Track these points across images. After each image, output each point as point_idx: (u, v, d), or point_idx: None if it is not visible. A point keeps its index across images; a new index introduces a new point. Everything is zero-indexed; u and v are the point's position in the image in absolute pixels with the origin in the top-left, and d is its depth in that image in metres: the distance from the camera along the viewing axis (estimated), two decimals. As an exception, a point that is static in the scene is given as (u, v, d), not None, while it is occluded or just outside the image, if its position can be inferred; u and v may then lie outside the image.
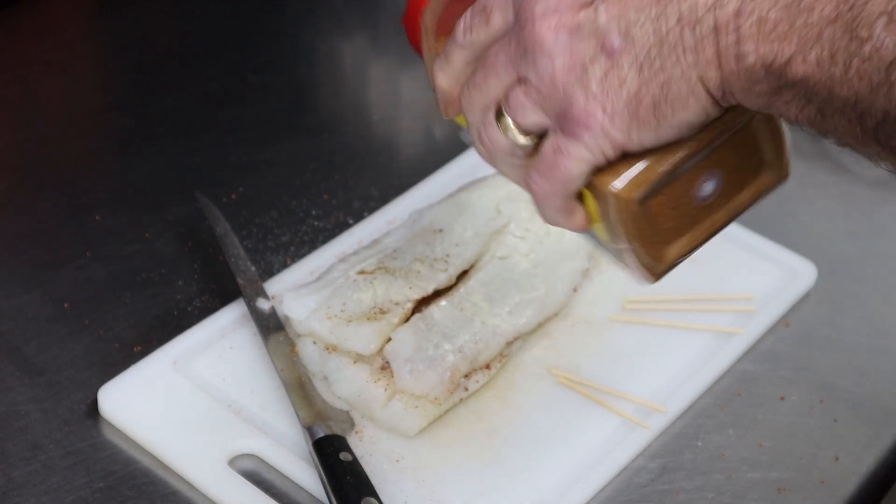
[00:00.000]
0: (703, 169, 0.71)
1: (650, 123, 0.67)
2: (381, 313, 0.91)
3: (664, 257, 0.72)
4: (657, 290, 1.02)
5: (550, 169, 0.70)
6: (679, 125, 0.67)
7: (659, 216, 0.71)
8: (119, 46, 1.30)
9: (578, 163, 0.69)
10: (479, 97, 0.72)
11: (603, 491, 0.88)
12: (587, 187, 0.71)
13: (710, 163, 0.71)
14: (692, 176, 0.70)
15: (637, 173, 0.69)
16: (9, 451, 0.88)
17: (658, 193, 0.70)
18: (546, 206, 0.72)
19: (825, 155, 1.21)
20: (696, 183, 0.71)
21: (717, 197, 0.72)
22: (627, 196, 0.69)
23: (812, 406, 0.96)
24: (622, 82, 0.66)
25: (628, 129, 0.67)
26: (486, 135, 0.72)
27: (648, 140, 0.68)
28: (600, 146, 0.68)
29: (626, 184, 0.69)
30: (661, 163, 0.69)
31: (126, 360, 0.94)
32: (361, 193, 1.12)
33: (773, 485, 0.90)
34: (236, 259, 1.00)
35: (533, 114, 0.69)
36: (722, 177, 0.72)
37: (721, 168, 0.71)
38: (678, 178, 0.70)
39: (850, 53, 0.61)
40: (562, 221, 0.73)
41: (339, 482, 0.84)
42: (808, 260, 1.06)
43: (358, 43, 1.34)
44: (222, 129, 1.19)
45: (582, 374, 0.95)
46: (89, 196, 1.10)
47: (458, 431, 0.91)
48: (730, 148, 0.71)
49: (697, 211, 0.72)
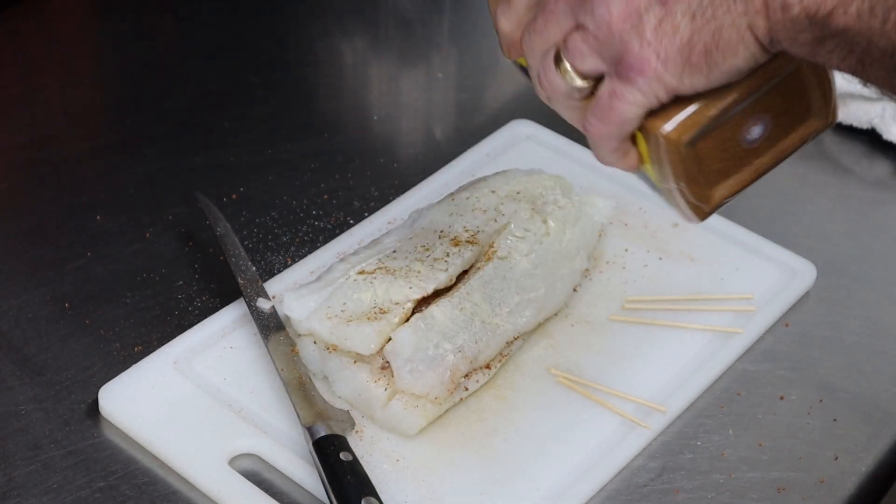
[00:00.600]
0: (750, 113, 0.74)
1: (701, 69, 0.70)
2: (381, 313, 0.91)
3: (711, 198, 0.75)
4: (657, 290, 1.02)
5: (606, 112, 0.74)
6: (729, 70, 0.70)
7: (706, 158, 0.74)
8: (119, 47, 1.30)
9: (633, 106, 0.73)
10: (539, 42, 0.75)
11: (603, 490, 0.89)
12: (639, 129, 0.74)
13: (758, 108, 0.74)
14: (740, 120, 0.74)
15: (687, 117, 0.72)
16: (9, 451, 0.88)
17: (706, 136, 0.73)
18: (601, 147, 0.76)
19: (825, 155, 1.21)
20: (744, 127, 0.74)
21: (763, 140, 0.75)
22: (677, 139, 0.72)
23: (812, 406, 0.96)
24: (675, 30, 0.70)
25: (680, 75, 0.70)
26: (546, 78, 0.76)
27: (700, 85, 0.71)
28: (654, 90, 0.72)
29: (675, 126, 0.72)
30: (710, 107, 0.72)
31: (126, 360, 0.94)
32: (361, 193, 1.12)
33: (773, 485, 0.90)
34: (236, 259, 1.00)
35: (590, 59, 0.73)
36: (769, 121, 0.75)
37: (768, 113, 0.74)
38: (726, 122, 0.73)
39: (887, 7, 0.64)
40: (615, 161, 0.77)
41: (339, 482, 0.84)
42: (807, 260, 1.06)
43: (358, 43, 1.34)
44: (222, 129, 1.19)
45: (582, 374, 0.95)
46: (89, 196, 1.10)
47: (458, 431, 0.91)
48: (777, 93, 0.74)
49: (744, 153, 0.75)
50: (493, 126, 1.18)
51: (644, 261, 1.05)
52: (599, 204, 1.04)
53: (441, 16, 1.37)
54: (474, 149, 1.15)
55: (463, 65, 1.31)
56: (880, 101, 1.20)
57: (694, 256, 1.06)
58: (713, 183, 0.75)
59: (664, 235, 1.07)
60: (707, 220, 1.08)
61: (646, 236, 1.07)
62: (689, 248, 1.06)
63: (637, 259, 1.05)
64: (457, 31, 1.35)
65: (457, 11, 1.37)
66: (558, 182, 1.03)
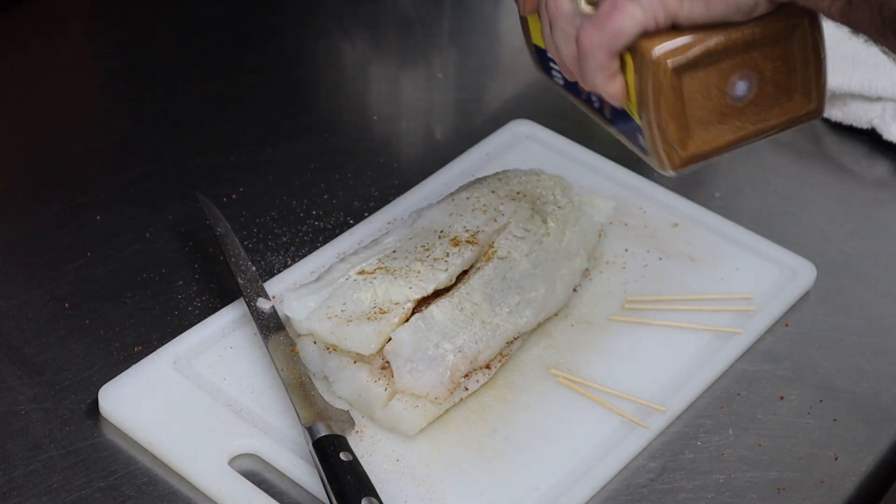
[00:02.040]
0: (738, 65, 0.75)
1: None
2: (381, 313, 0.91)
3: (687, 144, 0.76)
4: (657, 290, 1.02)
5: (604, 21, 0.76)
6: (728, 3, 0.73)
7: (690, 97, 0.75)
8: (119, 47, 1.30)
9: (631, 20, 0.75)
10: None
11: (603, 490, 0.89)
12: (630, 52, 0.75)
13: (746, 61, 0.75)
14: (727, 68, 0.75)
15: (678, 44, 0.74)
16: (9, 451, 0.88)
17: (693, 70, 0.74)
18: (590, 61, 0.77)
19: (825, 155, 1.21)
20: (730, 78, 0.75)
21: (747, 102, 0.76)
22: (664, 62, 0.74)
23: (812, 406, 0.96)
24: None
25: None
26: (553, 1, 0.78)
27: (698, 12, 0.74)
28: (654, 9, 0.74)
29: (665, 50, 0.74)
30: (702, 40, 0.74)
31: (126, 360, 0.94)
32: (361, 193, 1.12)
33: (773, 485, 0.90)
34: (236, 259, 1.00)
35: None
36: (754, 81, 0.76)
37: (755, 71, 0.76)
38: (714, 65, 0.75)
39: None
40: (601, 82, 0.78)
41: (339, 482, 0.84)
42: (807, 260, 1.06)
43: (358, 43, 1.34)
44: (222, 129, 1.19)
45: (582, 374, 0.95)
46: (89, 196, 1.10)
47: (458, 431, 0.91)
48: (768, 54, 0.76)
49: (727, 109, 0.76)
50: (493, 126, 1.18)
51: (644, 261, 1.05)
52: (599, 204, 1.04)
53: (441, 16, 1.37)
54: (474, 149, 1.15)
55: (463, 65, 1.31)
56: (880, 101, 1.20)
57: (694, 256, 1.06)
58: (692, 129, 0.76)
59: (664, 235, 1.07)
60: (707, 220, 1.09)
61: (646, 236, 1.07)
62: (689, 248, 1.06)
63: (637, 259, 1.05)
64: (457, 31, 1.35)
65: (457, 11, 1.37)
66: (558, 182, 1.03)
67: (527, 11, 0.85)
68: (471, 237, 0.97)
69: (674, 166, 0.77)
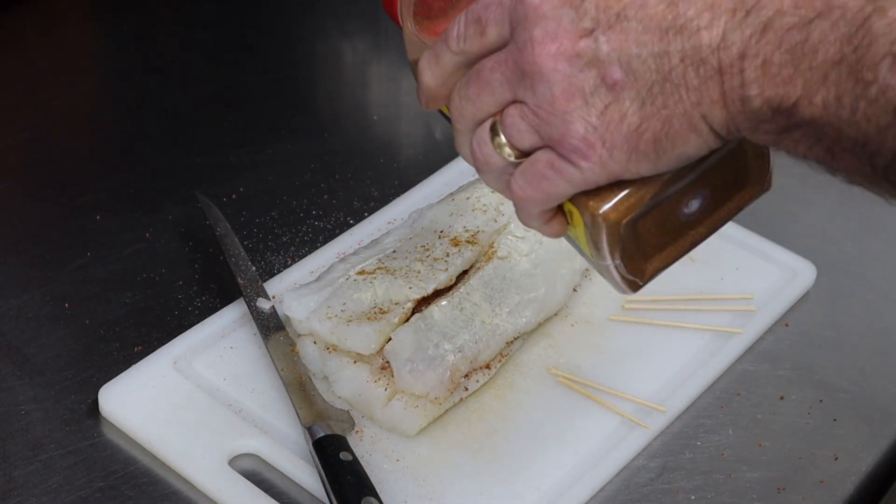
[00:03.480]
0: (691, 189, 0.71)
1: (649, 156, 0.67)
2: (381, 313, 0.91)
3: (645, 272, 0.73)
4: (657, 290, 1.02)
5: (539, 180, 0.69)
6: (679, 158, 0.67)
7: (644, 236, 0.71)
8: (119, 47, 1.30)
9: (569, 184, 0.69)
10: (472, 111, 0.71)
11: (603, 490, 0.89)
12: (574, 203, 0.71)
13: (699, 184, 0.71)
14: (680, 197, 0.71)
15: (627, 198, 0.69)
16: (9, 451, 0.88)
17: (646, 216, 0.70)
18: (524, 211, 0.72)
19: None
20: (683, 203, 0.72)
21: (700, 213, 0.73)
22: (617, 220, 0.70)
23: (812, 406, 0.96)
24: (623, 116, 0.66)
25: (626, 161, 0.67)
26: (480, 152, 0.71)
27: (645, 171, 0.68)
28: (595, 174, 0.68)
29: (614, 206, 0.69)
30: (651, 188, 0.69)
31: (126, 360, 0.94)
32: (361, 193, 1.12)
33: (773, 485, 0.90)
34: (236, 259, 1.00)
35: (529, 136, 0.69)
36: (708, 195, 0.72)
37: (708, 188, 0.72)
38: (666, 200, 0.71)
39: (856, 96, 0.60)
40: (538, 226, 0.73)
41: (339, 482, 0.84)
42: (807, 260, 1.06)
43: (358, 43, 1.34)
44: (222, 129, 1.19)
45: (582, 373, 0.95)
46: (89, 196, 1.10)
47: (458, 431, 0.91)
48: (718, 169, 0.71)
49: (681, 227, 0.73)
50: (493, 126, 1.18)
51: (644, 261, 1.05)
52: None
53: (441, 16, 1.36)
54: (474, 149, 1.15)
55: (463, 65, 1.31)
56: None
57: (694, 256, 1.05)
58: (649, 257, 0.72)
59: (664, 235, 1.07)
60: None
61: (646, 236, 1.07)
62: (689, 248, 1.06)
63: (637, 259, 1.05)
64: (457, 31, 1.35)
65: (457, 11, 1.37)
66: (558, 182, 1.03)
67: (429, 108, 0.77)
68: (471, 237, 0.97)
69: (633, 291, 0.74)
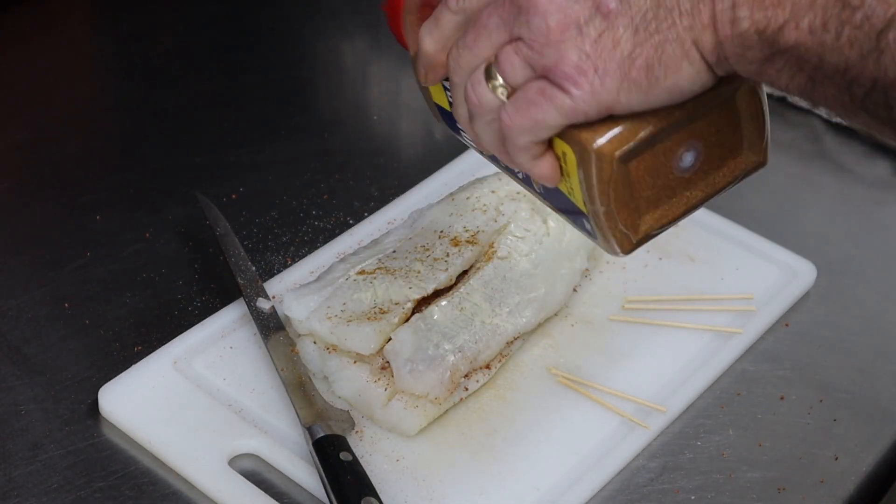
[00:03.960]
0: (684, 138, 0.71)
1: (641, 85, 0.67)
2: (381, 313, 0.91)
3: (639, 227, 0.72)
4: (657, 290, 1.02)
5: (528, 106, 0.69)
6: (670, 88, 0.68)
7: (637, 182, 0.71)
8: (119, 47, 1.30)
9: (558, 111, 0.69)
10: (469, 57, 0.72)
11: (603, 490, 0.89)
12: (566, 141, 0.71)
13: (692, 133, 0.71)
14: (673, 144, 0.71)
15: (619, 132, 0.69)
16: (9, 451, 0.88)
17: (639, 156, 0.70)
18: (513, 142, 0.72)
19: (825, 155, 1.21)
20: (677, 152, 0.71)
21: (695, 171, 0.73)
22: (609, 153, 0.69)
23: (812, 406, 0.96)
24: (616, 43, 0.67)
25: (618, 90, 0.67)
26: (474, 92, 0.72)
27: (637, 103, 0.68)
28: (585, 104, 0.68)
29: (608, 140, 0.69)
30: (644, 125, 0.69)
31: (126, 360, 0.94)
32: (361, 193, 1.12)
33: (773, 485, 0.90)
34: (236, 259, 1.00)
35: (522, 70, 0.69)
36: (701, 150, 0.72)
37: (701, 140, 0.72)
38: (659, 144, 0.70)
39: (841, 21, 0.62)
40: (527, 164, 0.73)
41: (339, 482, 0.84)
42: (807, 260, 1.06)
43: (358, 43, 1.34)
44: (222, 129, 1.19)
45: (582, 374, 0.95)
46: (89, 196, 1.10)
47: (458, 431, 0.91)
48: (712, 120, 0.72)
49: (675, 183, 0.72)
50: (493, 126, 1.18)
51: (644, 261, 1.05)
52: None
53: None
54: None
55: (463, 65, 1.31)
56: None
57: (694, 256, 1.06)
58: (642, 211, 0.72)
59: (664, 235, 1.07)
60: (707, 220, 1.09)
61: (646, 236, 1.07)
62: (689, 248, 1.06)
63: (637, 259, 1.05)
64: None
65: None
66: (558, 182, 1.03)
67: (429, 83, 0.78)
68: (471, 237, 0.97)
69: (625, 251, 0.73)
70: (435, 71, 0.76)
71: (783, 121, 1.23)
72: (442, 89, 0.80)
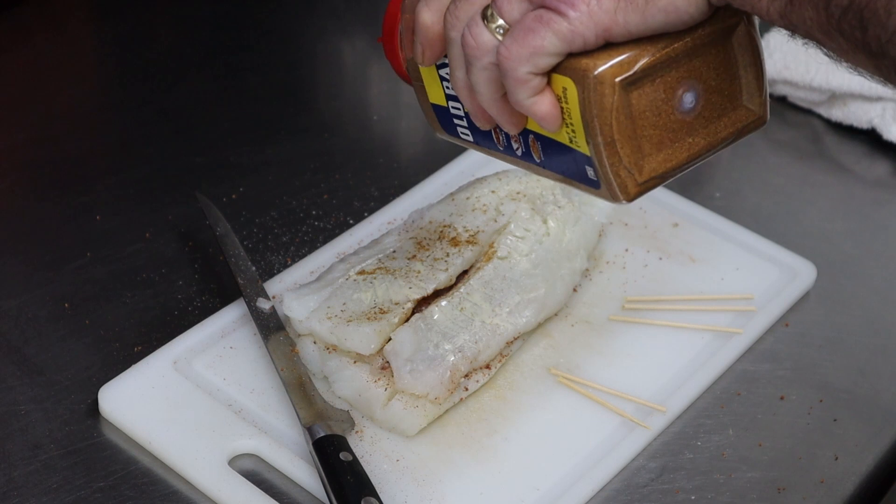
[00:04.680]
0: (683, 75, 0.71)
1: (638, 4, 0.67)
2: (381, 313, 0.91)
3: (643, 168, 0.72)
4: (657, 290, 1.02)
5: (526, 34, 0.69)
6: (666, 8, 0.68)
7: (640, 115, 0.71)
8: (120, 47, 1.30)
9: (556, 36, 0.68)
10: (465, 6, 0.72)
11: (603, 490, 0.89)
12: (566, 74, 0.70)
13: (691, 71, 0.71)
14: (673, 81, 0.71)
15: (621, 59, 0.69)
16: (9, 451, 0.88)
17: (640, 87, 0.70)
18: (512, 76, 0.71)
19: (825, 155, 1.21)
20: (677, 90, 0.71)
21: (696, 115, 0.73)
22: (610, 79, 0.69)
23: (812, 406, 0.96)
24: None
25: (615, 10, 0.67)
26: (471, 34, 0.71)
27: (635, 24, 0.68)
28: (583, 27, 0.68)
29: (609, 66, 0.69)
30: (643, 53, 0.69)
31: (126, 360, 0.94)
32: (361, 193, 1.12)
33: (773, 485, 0.90)
34: (236, 259, 1.00)
35: (519, 5, 0.69)
36: (701, 92, 0.72)
37: (701, 81, 0.72)
38: (659, 78, 0.70)
39: None
40: (528, 101, 0.71)
41: (339, 482, 0.84)
42: (807, 260, 1.06)
43: (358, 43, 1.34)
44: (222, 129, 1.19)
45: (582, 374, 0.95)
46: (89, 196, 1.10)
47: (458, 431, 0.91)
48: (710, 61, 0.72)
49: (678, 126, 0.72)
50: (493, 126, 1.18)
51: (644, 261, 1.05)
52: (599, 204, 1.04)
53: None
54: (474, 149, 1.15)
55: (463, 65, 1.31)
56: (880, 101, 1.20)
57: (694, 256, 1.06)
58: (645, 151, 0.71)
59: (664, 235, 1.07)
60: (707, 220, 1.09)
61: (646, 236, 1.07)
62: (689, 248, 1.06)
63: (637, 259, 1.05)
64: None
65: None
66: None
67: (428, 62, 0.77)
68: (471, 237, 0.97)
69: (629, 195, 0.72)
70: (433, 46, 0.75)
71: (783, 121, 1.23)
72: (438, 84, 0.80)
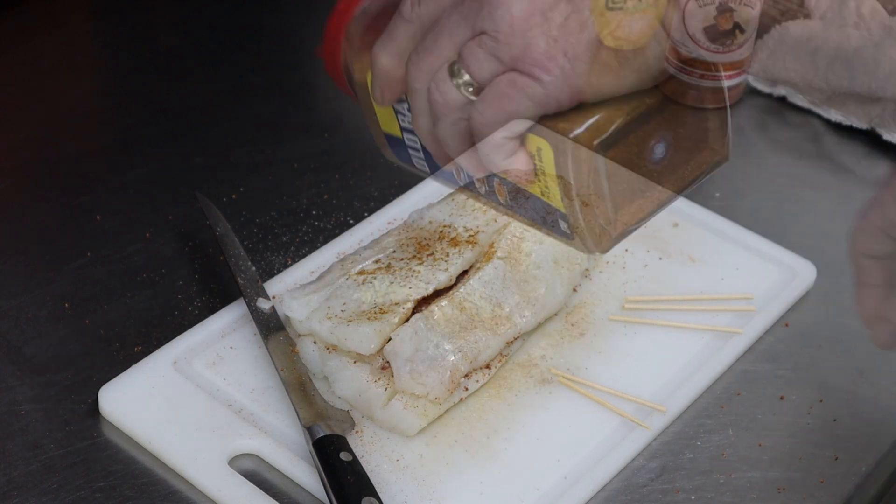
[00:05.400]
0: (654, 129, 0.71)
1: (611, 67, 0.66)
2: (381, 313, 0.91)
3: (616, 222, 0.72)
4: (657, 290, 1.02)
5: (500, 99, 0.68)
6: (640, 68, 0.67)
7: (614, 174, 0.71)
8: (120, 47, 1.30)
9: (531, 101, 0.67)
10: (430, 59, 0.70)
11: (603, 491, 0.89)
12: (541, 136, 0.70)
13: (661, 123, 0.71)
14: (645, 135, 0.71)
15: (596, 121, 0.69)
16: (9, 451, 0.88)
17: (615, 146, 0.70)
18: (487, 141, 0.70)
19: (825, 155, 1.21)
20: (648, 143, 0.71)
21: (665, 164, 0.73)
22: (588, 142, 0.69)
23: (812, 406, 0.96)
24: (583, 26, 0.66)
25: (588, 73, 0.66)
26: (438, 91, 0.70)
27: (608, 85, 0.67)
28: (558, 91, 0.67)
29: (585, 129, 0.69)
30: (617, 113, 0.69)
31: (126, 360, 0.94)
32: (361, 193, 1.12)
33: (773, 485, 0.90)
34: (236, 259, 1.00)
35: (488, 64, 0.68)
36: (671, 142, 0.72)
37: (671, 131, 0.72)
38: (632, 134, 0.71)
39: None
40: (502, 162, 0.71)
41: (339, 482, 0.84)
42: (807, 260, 1.06)
43: (358, 43, 1.34)
44: (222, 129, 1.19)
45: (582, 374, 0.95)
46: (89, 196, 1.10)
47: (458, 431, 0.91)
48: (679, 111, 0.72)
49: (648, 175, 0.72)
50: (493, 126, 1.18)
51: (644, 261, 1.05)
52: (599, 204, 1.04)
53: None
54: (474, 149, 1.15)
55: (463, 65, 1.31)
56: (880, 101, 1.20)
57: (694, 256, 1.06)
58: (619, 205, 0.72)
59: (664, 235, 1.07)
60: (707, 220, 1.09)
61: (646, 236, 1.07)
62: (689, 248, 1.06)
63: (637, 259, 1.05)
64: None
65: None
66: (558, 182, 1.03)
67: (387, 104, 0.75)
68: (471, 237, 0.97)
69: (603, 248, 0.73)
70: (392, 88, 0.74)
71: (783, 121, 1.23)
72: (393, 115, 0.79)
